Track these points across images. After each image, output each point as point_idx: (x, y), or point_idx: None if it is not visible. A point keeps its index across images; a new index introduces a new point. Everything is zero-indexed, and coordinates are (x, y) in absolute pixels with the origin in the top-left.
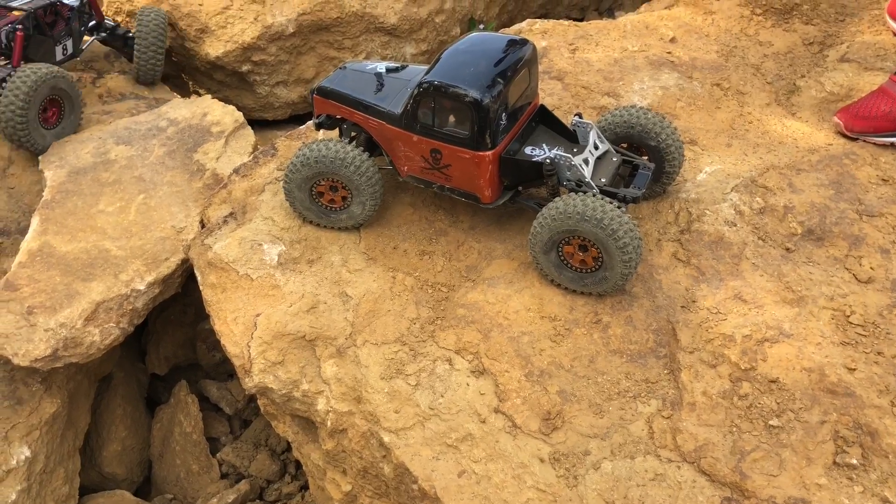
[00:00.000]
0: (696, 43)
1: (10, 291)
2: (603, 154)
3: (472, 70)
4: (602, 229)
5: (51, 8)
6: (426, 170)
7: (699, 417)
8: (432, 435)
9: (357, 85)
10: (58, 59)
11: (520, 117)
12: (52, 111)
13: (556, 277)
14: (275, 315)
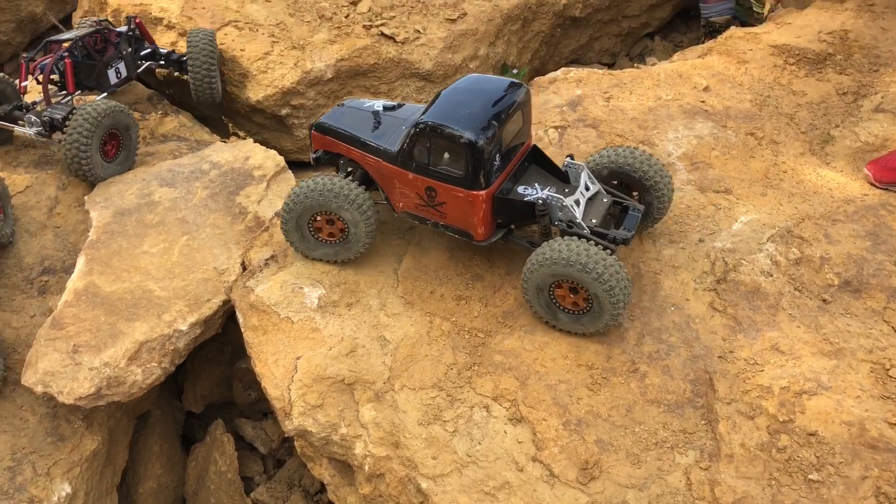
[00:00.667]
0: (730, 92)
1: (56, 330)
2: (594, 195)
3: (467, 112)
4: (587, 273)
5: (98, 35)
6: (421, 207)
7: (737, 469)
8: (470, 482)
9: (355, 122)
10: (112, 83)
11: (513, 157)
12: (111, 144)
13: (550, 319)
14: (315, 358)
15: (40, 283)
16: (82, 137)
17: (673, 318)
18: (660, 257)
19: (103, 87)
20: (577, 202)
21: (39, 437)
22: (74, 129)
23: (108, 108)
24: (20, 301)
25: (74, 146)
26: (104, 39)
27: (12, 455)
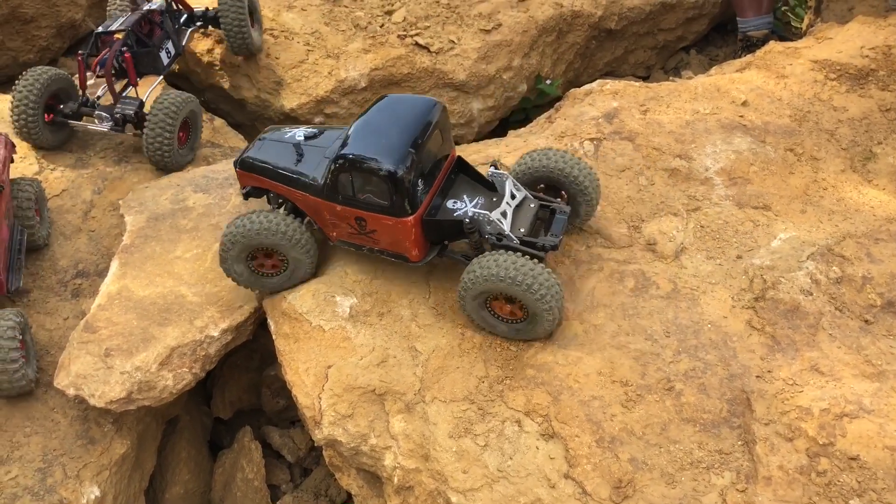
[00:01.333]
0: (769, 107)
1: (89, 333)
2: (521, 201)
3: (384, 142)
4: (517, 286)
5: (144, 19)
6: (354, 235)
7: (775, 493)
8: (500, 498)
9: (277, 156)
10: (165, 64)
11: (438, 174)
12: (182, 132)
13: (492, 329)
14: (346, 367)
15: (74, 286)
16: (165, 132)
17: (710, 336)
18: (697, 273)
19: (158, 70)
20: (503, 213)
21: (70, 439)
22: (157, 124)
23: (183, 100)
24: (54, 303)
25: (158, 139)
26: (150, 22)
27: (43, 456)
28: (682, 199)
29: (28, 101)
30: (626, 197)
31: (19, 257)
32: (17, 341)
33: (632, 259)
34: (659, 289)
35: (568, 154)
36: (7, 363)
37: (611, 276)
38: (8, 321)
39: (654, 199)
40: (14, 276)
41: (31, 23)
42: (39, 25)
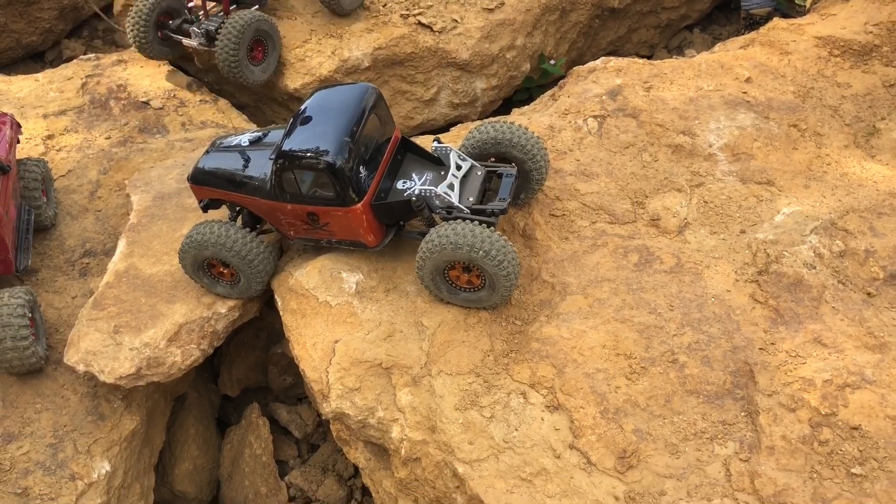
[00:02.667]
0: (773, 83)
1: (97, 310)
2: (468, 171)
3: (320, 134)
4: (476, 253)
5: None
6: (310, 230)
7: (778, 462)
8: (506, 468)
9: (225, 166)
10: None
11: (382, 158)
12: (257, 50)
13: (450, 299)
14: (353, 342)
15: (81, 265)
16: (230, 44)
17: (713, 310)
18: (700, 248)
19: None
20: (450, 186)
21: (80, 415)
22: (223, 39)
23: (250, 19)
24: (62, 282)
25: (224, 52)
26: None
27: (54, 432)
28: (686, 175)
29: (140, 17)
30: (629, 173)
31: (27, 237)
32: (27, 319)
33: (636, 234)
34: (663, 263)
35: (514, 124)
36: (18, 340)
37: (615, 252)
38: (17, 299)
39: (657, 176)
40: (23, 256)
41: (33, 4)
42: (42, 7)
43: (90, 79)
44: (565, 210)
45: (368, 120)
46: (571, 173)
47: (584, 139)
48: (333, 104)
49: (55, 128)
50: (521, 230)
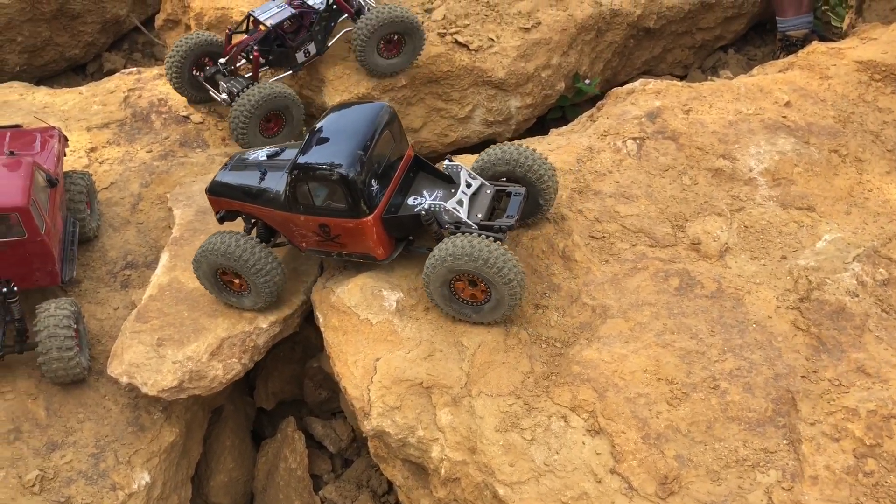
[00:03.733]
0: (812, 108)
1: (141, 323)
2: (477, 189)
3: (334, 148)
4: (489, 268)
5: (293, 18)
6: (321, 242)
7: (822, 492)
8: (547, 491)
9: (242, 179)
10: (300, 62)
11: (394, 174)
12: (274, 122)
13: (454, 313)
14: (393, 360)
15: (123, 277)
16: (243, 116)
17: (755, 336)
18: (741, 273)
19: (292, 66)
20: (459, 202)
21: (121, 426)
22: (237, 108)
23: (270, 93)
24: (104, 294)
25: (236, 121)
26: (299, 20)
27: (96, 442)
28: (726, 199)
29: (176, 58)
30: (669, 196)
31: (72, 248)
32: (72, 330)
33: (676, 258)
34: (704, 288)
35: (523, 146)
36: (63, 351)
37: (655, 275)
38: (63, 310)
39: (697, 199)
40: (68, 267)
41: (77, 18)
42: (86, 21)
43: (132, 92)
44: (605, 232)
45: (382, 136)
46: (611, 195)
47: (623, 161)
48: (349, 121)
49: (98, 140)
50: (560, 251)
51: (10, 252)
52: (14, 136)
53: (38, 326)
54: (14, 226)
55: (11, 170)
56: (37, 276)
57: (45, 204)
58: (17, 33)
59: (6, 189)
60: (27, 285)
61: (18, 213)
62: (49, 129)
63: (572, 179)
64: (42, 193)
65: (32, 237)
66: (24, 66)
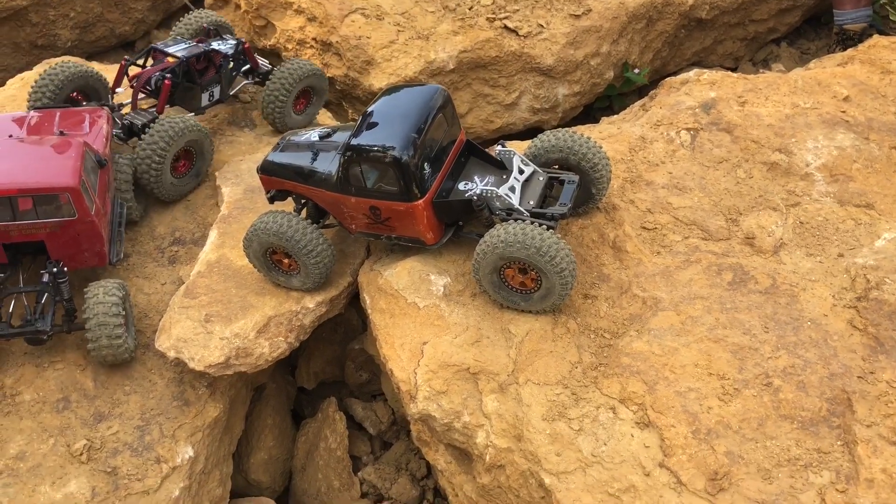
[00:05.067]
0: (873, 103)
1: (189, 299)
2: (530, 176)
3: (388, 130)
4: (541, 256)
5: (204, 56)
6: (371, 225)
7: (878, 496)
8: (594, 482)
9: (295, 158)
10: (203, 105)
11: (446, 158)
12: (183, 161)
13: (502, 300)
14: (441, 345)
15: (171, 253)
16: (155, 154)
17: (810, 334)
18: (796, 270)
19: (194, 107)
20: (512, 189)
21: (166, 400)
22: (148, 145)
23: (185, 127)
24: (152, 269)
25: (146, 161)
26: (208, 60)
27: (141, 415)
28: (782, 194)
29: (45, 91)
30: (723, 189)
31: (120, 230)
32: (121, 317)
33: (729, 252)
34: (757, 283)
35: (577, 134)
36: (112, 338)
37: (708, 269)
38: (112, 296)
39: (752, 193)
40: (115, 249)
41: None
42: None
43: None
44: (657, 223)
45: (435, 120)
46: (664, 186)
47: (676, 152)
48: (402, 104)
49: None
50: (611, 242)
51: (59, 232)
52: (63, 115)
53: (86, 313)
54: (64, 206)
55: (62, 150)
56: (85, 257)
57: (94, 185)
58: (70, 9)
59: (57, 169)
60: (75, 265)
61: (69, 193)
62: (98, 110)
63: (624, 169)
64: (92, 174)
65: (83, 217)
66: (76, 41)
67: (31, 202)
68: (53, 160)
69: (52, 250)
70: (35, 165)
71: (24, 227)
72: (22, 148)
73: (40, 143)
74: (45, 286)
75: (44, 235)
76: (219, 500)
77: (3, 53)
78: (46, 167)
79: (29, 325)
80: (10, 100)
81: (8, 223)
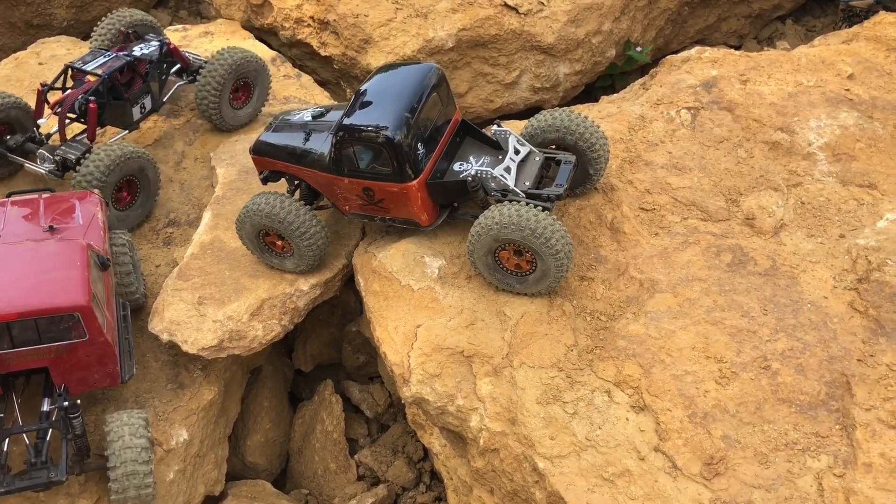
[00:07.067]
0: (877, 81)
1: (182, 281)
2: (526, 156)
3: (381, 110)
4: (536, 238)
5: (127, 67)
6: (365, 206)
7: (876, 480)
8: (588, 466)
9: (287, 139)
10: (135, 119)
11: (440, 138)
12: (126, 191)
13: (497, 282)
14: (435, 328)
15: (165, 235)
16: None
17: (809, 316)
18: (797, 251)
19: (125, 124)
20: (507, 169)
21: (161, 383)
22: (81, 179)
23: (122, 154)
24: (146, 251)
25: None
26: (132, 71)
27: (136, 398)
28: (783, 174)
29: None
30: (723, 169)
31: (128, 338)
32: (150, 462)
33: (729, 233)
34: (757, 265)
35: (574, 113)
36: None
37: (707, 250)
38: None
39: (752, 173)
40: (127, 364)
41: None
42: None
43: None
44: (656, 204)
45: (429, 99)
46: (663, 166)
47: (676, 131)
48: (396, 82)
49: None
50: (608, 223)
51: (66, 356)
52: (50, 204)
53: (111, 459)
54: (73, 327)
55: (64, 257)
56: (95, 379)
57: (102, 294)
58: None
59: (63, 284)
60: (82, 389)
61: (80, 313)
62: (87, 194)
63: (623, 149)
64: (99, 282)
65: (94, 338)
66: (72, 20)
67: (34, 326)
68: (56, 272)
69: (56, 376)
70: (34, 281)
71: (25, 354)
72: (14, 256)
73: (35, 250)
74: (52, 423)
75: (48, 361)
76: (214, 482)
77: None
78: (49, 282)
79: (37, 475)
80: (4, 80)
81: (5, 352)
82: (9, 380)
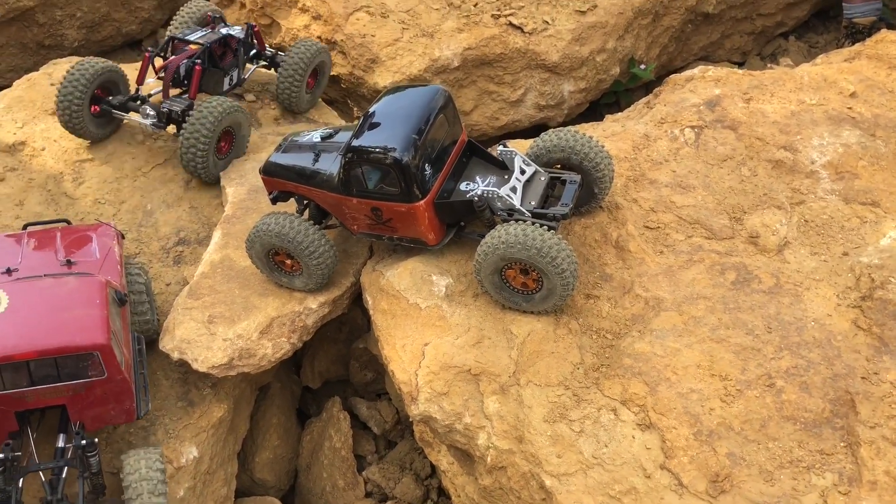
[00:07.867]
0: (880, 99)
1: (193, 300)
2: (531, 176)
3: (389, 132)
4: (542, 257)
5: (223, 41)
6: (373, 226)
7: (881, 498)
8: (595, 484)
9: (296, 160)
10: (225, 89)
11: (447, 159)
12: (224, 142)
13: (504, 301)
14: (442, 346)
15: (175, 253)
16: (202, 137)
17: (813, 334)
18: (800, 269)
19: (217, 91)
20: (513, 189)
21: (171, 400)
22: (195, 128)
23: (228, 108)
24: (157, 269)
25: (192, 147)
26: (226, 45)
27: (146, 415)
28: (786, 192)
29: (73, 93)
30: (727, 187)
31: (143, 373)
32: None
33: (733, 251)
34: (761, 283)
35: (579, 133)
36: None
37: (711, 268)
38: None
39: (756, 191)
40: (143, 400)
41: None
42: None
43: None
44: (660, 222)
45: (437, 120)
46: (667, 184)
47: (680, 150)
48: (403, 104)
49: None
50: (613, 241)
51: (85, 394)
52: (65, 236)
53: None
54: (93, 365)
55: (82, 294)
56: (111, 416)
57: (120, 332)
58: (77, 9)
59: (82, 322)
60: (100, 425)
61: (99, 352)
62: (102, 227)
63: (627, 167)
64: (117, 318)
65: (113, 376)
66: (83, 41)
67: (53, 364)
68: (75, 310)
69: (73, 413)
70: (54, 319)
71: (44, 392)
72: (34, 292)
73: (55, 287)
74: (68, 461)
75: (66, 399)
76: (224, 499)
77: (10, 54)
78: (69, 321)
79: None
80: (17, 101)
81: (24, 389)
82: (25, 416)
